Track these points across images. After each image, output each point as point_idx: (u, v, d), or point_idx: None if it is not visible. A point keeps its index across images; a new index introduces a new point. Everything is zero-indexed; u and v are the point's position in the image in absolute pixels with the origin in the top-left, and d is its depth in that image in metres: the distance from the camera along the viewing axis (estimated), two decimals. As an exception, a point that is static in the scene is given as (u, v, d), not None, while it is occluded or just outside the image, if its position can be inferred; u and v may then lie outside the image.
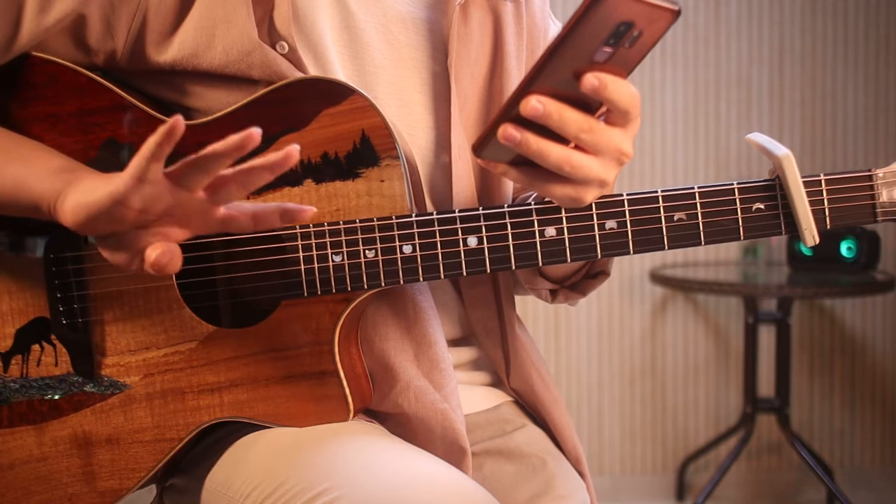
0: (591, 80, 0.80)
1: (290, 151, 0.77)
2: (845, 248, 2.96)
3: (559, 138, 0.83)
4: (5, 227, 1.02)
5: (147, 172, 0.78)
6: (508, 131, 0.82)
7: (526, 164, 0.87)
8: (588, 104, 0.83)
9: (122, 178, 0.80)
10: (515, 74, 1.09)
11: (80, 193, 0.86)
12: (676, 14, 0.77)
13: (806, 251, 3.00)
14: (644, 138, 3.24)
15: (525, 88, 0.81)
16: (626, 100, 0.82)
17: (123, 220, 0.82)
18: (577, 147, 0.85)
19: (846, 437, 3.37)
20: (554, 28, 1.18)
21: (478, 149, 0.87)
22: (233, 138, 0.76)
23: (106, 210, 0.82)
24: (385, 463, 0.92)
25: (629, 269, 3.25)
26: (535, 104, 0.80)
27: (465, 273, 0.95)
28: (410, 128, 1.05)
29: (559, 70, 0.79)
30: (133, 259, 0.86)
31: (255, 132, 0.76)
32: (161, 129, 0.76)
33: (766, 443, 3.33)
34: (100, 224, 0.84)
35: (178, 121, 0.75)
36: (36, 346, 1.02)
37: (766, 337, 3.17)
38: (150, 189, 0.80)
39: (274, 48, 0.98)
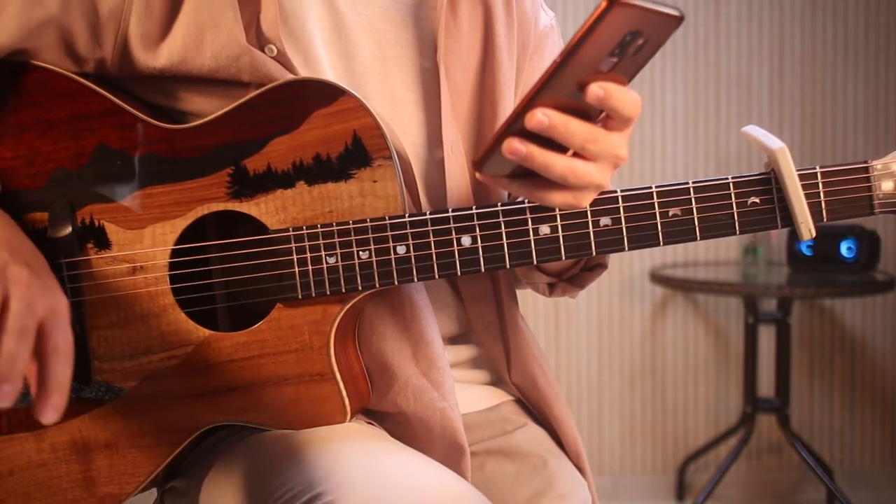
0: (595, 90, 0.79)
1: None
2: (845, 248, 2.95)
3: (557, 145, 0.83)
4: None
5: None
6: (514, 145, 0.81)
7: (525, 176, 0.87)
8: (587, 110, 0.83)
9: None
10: (507, 66, 1.09)
11: None
12: (680, 21, 0.77)
13: (806, 251, 3.00)
14: (644, 137, 3.24)
15: (530, 102, 0.80)
16: (629, 108, 0.82)
17: None
18: (575, 154, 0.84)
19: (846, 437, 3.36)
20: (545, 18, 1.17)
21: (479, 164, 0.86)
22: None
23: None
24: (382, 467, 0.92)
25: (629, 268, 3.25)
26: (541, 117, 0.80)
27: (459, 273, 0.95)
28: (402, 125, 1.05)
29: (564, 82, 0.79)
30: None
31: None
32: None
33: (766, 443, 3.32)
34: None
35: None
36: (33, 352, 1.01)
37: (766, 337, 3.16)
38: None
39: (263, 51, 0.98)
